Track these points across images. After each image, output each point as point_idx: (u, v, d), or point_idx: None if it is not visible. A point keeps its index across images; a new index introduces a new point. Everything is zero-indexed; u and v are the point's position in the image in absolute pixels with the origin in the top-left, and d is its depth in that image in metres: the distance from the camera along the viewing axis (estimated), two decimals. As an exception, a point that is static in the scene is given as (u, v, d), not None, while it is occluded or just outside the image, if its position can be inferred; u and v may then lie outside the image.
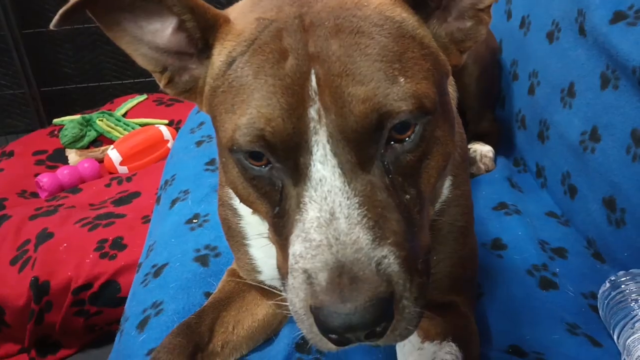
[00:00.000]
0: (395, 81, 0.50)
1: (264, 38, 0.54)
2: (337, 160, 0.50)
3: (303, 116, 0.50)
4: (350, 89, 0.50)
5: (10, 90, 2.95)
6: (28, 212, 1.80)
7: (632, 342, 0.79)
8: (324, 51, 0.51)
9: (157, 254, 1.08)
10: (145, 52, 0.62)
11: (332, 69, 0.50)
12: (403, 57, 0.53)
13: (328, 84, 0.50)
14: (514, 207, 1.16)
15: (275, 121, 0.50)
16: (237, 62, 0.55)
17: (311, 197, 0.50)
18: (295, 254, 0.51)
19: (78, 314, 1.59)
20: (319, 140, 0.50)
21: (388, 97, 0.49)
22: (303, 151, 0.51)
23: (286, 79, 0.51)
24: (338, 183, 0.50)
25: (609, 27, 1.01)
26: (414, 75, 0.52)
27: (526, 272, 0.98)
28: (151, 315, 0.92)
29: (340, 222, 0.49)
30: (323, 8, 0.54)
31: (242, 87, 0.53)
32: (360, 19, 0.53)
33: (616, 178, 1.00)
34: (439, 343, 0.72)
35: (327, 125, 0.50)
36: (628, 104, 0.98)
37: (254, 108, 0.51)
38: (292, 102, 0.50)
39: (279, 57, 0.52)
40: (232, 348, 0.83)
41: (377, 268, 0.48)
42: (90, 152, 2.29)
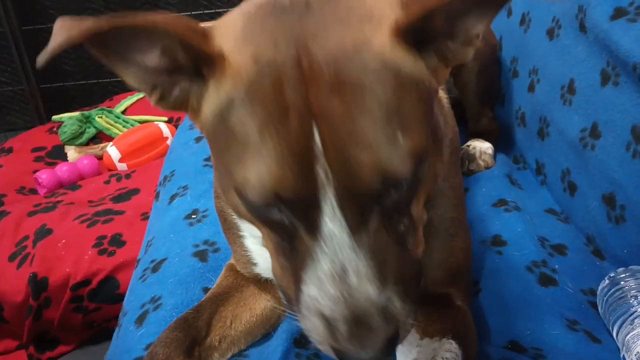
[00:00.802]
0: (395, 141, 0.51)
1: (263, 84, 0.51)
2: (343, 216, 0.52)
3: (311, 174, 0.50)
4: (354, 152, 0.50)
5: (9, 87, 2.94)
6: (27, 209, 1.80)
7: (631, 338, 0.79)
8: (326, 109, 0.50)
9: (156, 249, 1.08)
10: (134, 72, 0.58)
11: (335, 130, 0.50)
12: (402, 109, 0.52)
13: (332, 145, 0.50)
14: (513, 203, 1.16)
15: (287, 182, 0.51)
16: (238, 107, 0.52)
17: (323, 250, 0.53)
18: (310, 295, 0.54)
19: (76, 310, 1.59)
20: (327, 197, 0.51)
21: (390, 163, 0.51)
22: (313, 206, 0.52)
23: (291, 136, 0.50)
24: (346, 238, 0.52)
25: (610, 23, 1.01)
26: (410, 126, 0.52)
27: (526, 268, 0.98)
28: (150, 310, 0.92)
29: (351, 277, 0.52)
30: (321, 50, 0.51)
31: (246, 138, 0.52)
32: (360, 70, 0.51)
33: (616, 175, 1.00)
34: (438, 340, 0.72)
35: (333, 184, 0.51)
36: (628, 100, 0.98)
37: (263, 168, 0.51)
38: (300, 160, 0.50)
39: (282, 112, 0.50)
40: (230, 342, 0.83)
41: (385, 315, 0.53)
42: (90, 149, 2.29)
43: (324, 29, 0.52)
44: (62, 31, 0.52)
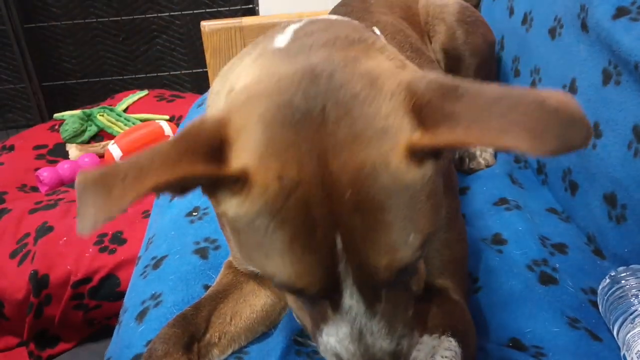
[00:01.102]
0: (408, 241, 0.55)
1: (291, 207, 0.52)
2: (361, 296, 0.57)
3: (334, 273, 0.55)
4: (372, 259, 0.54)
5: (11, 85, 2.95)
6: (28, 206, 1.81)
7: (632, 337, 0.79)
8: (347, 224, 0.53)
9: (157, 246, 1.09)
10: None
11: (355, 240, 0.53)
12: (414, 215, 0.55)
13: (353, 250, 0.54)
14: (514, 202, 1.16)
15: (313, 284, 0.56)
16: (265, 221, 0.53)
17: (342, 318, 0.58)
18: (329, 342, 0.60)
19: (77, 307, 1.59)
20: (347, 286, 0.56)
21: (404, 259, 0.55)
22: (335, 292, 0.57)
23: (318, 247, 0.53)
24: (362, 310, 0.58)
25: (612, 22, 1.01)
26: (422, 225, 0.56)
27: (526, 266, 0.98)
28: (150, 306, 0.92)
29: (367, 338, 0.59)
30: (342, 171, 0.52)
31: (275, 246, 0.54)
32: (379, 191, 0.52)
33: (617, 174, 1.00)
34: (437, 337, 0.72)
35: (353, 276, 0.56)
36: (630, 99, 0.98)
37: (292, 271, 0.55)
38: (325, 265, 0.54)
39: (309, 228, 0.53)
40: (230, 339, 0.83)
41: (395, 356, 0.60)
42: (91, 147, 2.29)
43: (343, 146, 0.52)
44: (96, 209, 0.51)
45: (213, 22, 1.85)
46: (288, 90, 0.54)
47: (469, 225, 1.11)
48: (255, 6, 2.76)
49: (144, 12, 2.87)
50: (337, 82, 0.54)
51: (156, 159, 0.51)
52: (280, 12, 1.90)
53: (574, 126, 0.43)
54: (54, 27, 2.82)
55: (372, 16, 1.24)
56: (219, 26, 1.81)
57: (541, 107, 0.45)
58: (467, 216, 1.15)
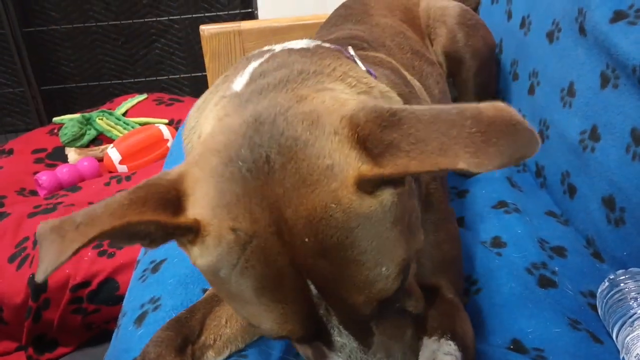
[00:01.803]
0: (384, 275, 0.55)
1: (249, 259, 0.52)
2: (350, 332, 0.58)
3: (315, 316, 0.56)
4: (350, 298, 0.55)
5: (10, 89, 2.95)
6: (27, 210, 1.80)
7: (631, 340, 0.79)
8: (315, 269, 0.53)
9: (156, 250, 1.08)
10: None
11: (328, 283, 0.54)
12: (381, 246, 0.54)
13: (329, 293, 0.55)
14: (513, 205, 1.16)
15: (296, 332, 0.57)
16: (228, 273, 0.54)
17: (339, 355, 0.59)
18: None
19: (76, 311, 1.59)
20: (333, 325, 0.57)
21: (381, 291, 0.55)
22: (323, 333, 0.58)
23: (290, 297, 0.54)
24: (355, 345, 0.59)
25: (609, 26, 1.01)
26: (395, 255, 0.56)
27: (525, 270, 0.97)
28: (149, 310, 0.92)
29: None
30: (295, 217, 0.52)
31: (245, 296, 0.55)
32: (336, 230, 0.52)
33: (616, 177, 1.00)
34: (437, 340, 0.72)
35: (337, 316, 0.57)
36: (628, 103, 0.98)
37: (270, 322, 0.56)
38: (303, 312, 0.55)
39: (274, 279, 0.53)
40: (226, 341, 0.83)
41: None
42: (90, 150, 2.29)
43: (292, 192, 0.52)
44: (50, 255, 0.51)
45: (212, 26, 1.85)
46: (236, 142, 0.55)
47: (468, 229, 1.11)
48: (255, 10, 2.76)
49: (143, 16, 2.88)
50: (279, 128, 0.54)
51: (109, 207, 0.53)
52: (279, 16, 1.91)
53: (515, 134, 0.43)
54: (53, 31, 2.82)
55: (371, 19, 1.25)
56: (218, 30, 1.82)
57: (478, 121, 0.44)
58: (466, 219, 1.15)
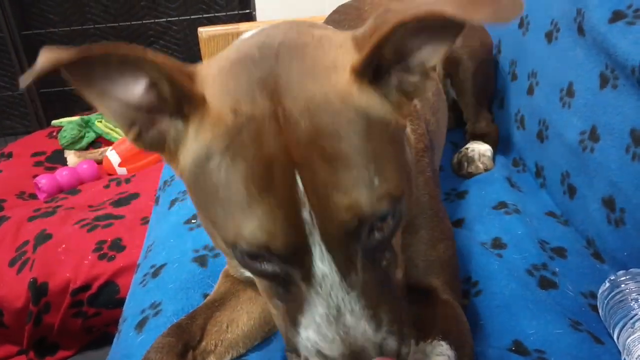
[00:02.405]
0: (372, 185, 0.54)
1: (243, 140, 0.53)
2: (331, 257, 0.55)
3: (299, 221, 0.53)
4: (334, 198, 0.53)
5: (9, 92, 2.95)
6: (27, 214, 1.80)
7: (632, 342, 0.79)
8: (305, 158, 0.52)
9: (156, 254, 1.08)
10: (114, 108, 0.58)
11: (315, 178, 0.53)
12: (376, 153, 0.55)
13: (314, 191, 0.53)
14: (513, 206, 1.16)
15: (278, 236, 0.53)
16: (218, 159, 0.54)
17: (317, 293, 0.56)
18: (309, 338, 0.57)
19: (76, 315, 1.59)
20: (315, 240, 0.54)
21: (367, 204, 0.53)
22: (304, 251, 0.55)
23: (277, 190, 0.52)
24: (337, 279, 0.55)
25: (608, 26, 1.01)
26: (385, 169, 0.55)
27: (526, 271, 0.98)
28: (149, 315, 0.92)
29: (347, 317, 0.56)
30: (294, 105, 0.54)
31: (232, 194, 0.53)
32: (332, 119, 0.54)
33: (615, 177, 1.00)
34: (430, 343, 0.72)
35: (318, 226, 0.53)
36: (627, 103, 0.98)
37: (255, 223, 0.53)
38: (287, 210, 0.53)
39: (264, 167, 0.53)
40: (227, 346, 0.83)
41: (381, 349, 0.56)
42: (89, 153, 2.29)
43: (294, 82, 0.55)
44: (50, 54, 0.51)
45: (210, 28, 1.85)
46: (247, 48, 0.61)
47: (468, 230, 1.11)
48: (253, 11, 2.76)
49: (141, 17, 2.87)
50: (291, 36, 0.61)
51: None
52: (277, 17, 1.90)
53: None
54: (52, 33, 2.82)
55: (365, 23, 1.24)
56: (217, 32, 1.81)
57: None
58: (466, 220, 1.15)
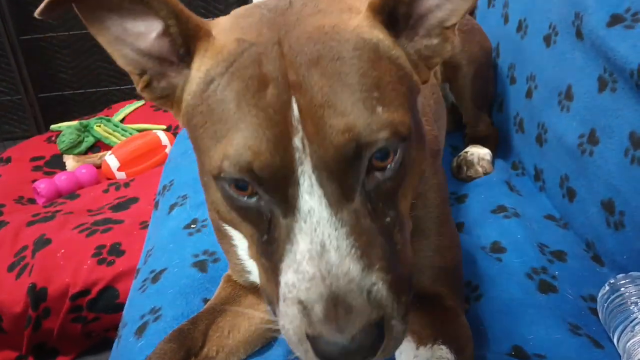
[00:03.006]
0: (374, 111, 0.51)
1: (243, 61, 0.54)
2: (322, 191, 0.52)
3: (288, 146, 0.51)
4: (331, 120, 0.51)
5: (7, 97, 2.94)
6: (25, 219, 1.80)
7: (632, 345, 0.79)
8: (305, 80, 0.52)
9: (156, 259, 1.08)
10: (127, 53, 0.61)
11: (314, 100, 0.51)
12: (381, 83, 0.54)
13: (310, 114, 0.51)
14: (512, 210, 1.16)
15: (263, 154, 0.51)
16: (216, 82, 0.55)
17: (301, 229, 0.52)
18: (287, 283, 0.52)
19: (76, 320, 1.58)
20: (305, 171, 0.51)
21: (366, 128, 0.51)
22: (290, 182, 0.52)
23: (269, 109, 0.51)
24: (325, 214, 0.51)
25: (606, 30, 1.01)
26: (391, 102, 0.53)
27: (525, 275, 0.98)
28: (149, 321, 0.92)
29: (331, 254, 0.50)
30: (301, 33, 0.55)
31: (224, 113, 0.53)
32: (340, 43, 0.54)
33: (614, 181, 1.00)
34: (430, 348, 0.72)
35: (311, 156, 0.51)
36: (626, 106, 0.98)
37: (240, 140, 0.51)
38: (277, 133, 0.51)
39: (259, 85, 0.52)
40: (229, 352, 0.83)
41: (368, 296, 0.50)
42: (88, 157, 2.29)
43: (305, 18, 0.57)
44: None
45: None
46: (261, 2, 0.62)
47: (467, 234, 1.11)
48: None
49: (140, 22, 2.87)
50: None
51: None
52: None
53: None
54: (50, 38, 2.82)
55: None
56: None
57: None
58: (465, 224, 1.15)
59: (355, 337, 0.49)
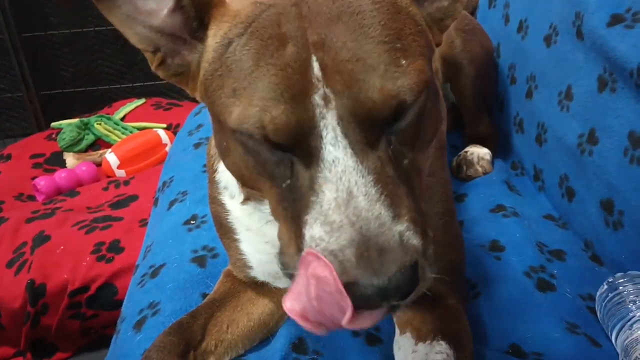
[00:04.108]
0: (399, 64, 0.52)
1: (261, 22, 0.55)
2: (347, 141, 0.52)
3: (308, 105, 0.51)
4: (363, 75, 0.51)
5: (8, 94, 2.95)
6: (25, 215, 1.80)
7: (630, 344, 0.79)
8: (327, 38, 0.52)
9: (155, 254, 1.08)
10: (139, 31, 0.61)
11: (339, 55, 0.52)
12: (402, 35, 0.55)
13: (338, 70, 0.51)
14: (512, 209, 1.16)
15: (280, 117, 0.51)
16: (235, 44, 0.56)
17: (326, 178, 0.51)
18: (314, 237, 0.51)
19: (74, 317, 1.58)
20: (328, 124, 0.51)
21: (398, 82, 0.52)
22: (313, 136, 0.52)
23: (287, 68, 0.52)
24: (351, 162, 0.51)
25: (607, 30, 1.01)
26: (413, 54, 0.54)
27: (524, 273, 0.98)
28: (148, 315, 0.92)
29: (359, 200, 0.50)
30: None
31: (242, 72, 0.54)
32: (363, 3, 0.55)
33: (614, 180, 1.00)
34: (429, 343, 0.72)
35: (336, 109, 0.51)
36: (625, 106, 0.98)
37: (258, 100, 0.52)
38: (296, 92, 0.51)
39: (278, 44, 0.53)
40: (227, 347, 0.83)
41: (401, 239, 0.49)
42: (88, 155, 2.29)
43: None
44: None
45: None
46: None
47: (466, 232, 1.11)
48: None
49: (142, 20, 2.87)
50: None
51: None
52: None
53: None
54: (52, 36, 2.82)
55: None
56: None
57: None
58: (464, 223, 1.15)
59: (392, 278, 0.48)
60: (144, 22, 0.61)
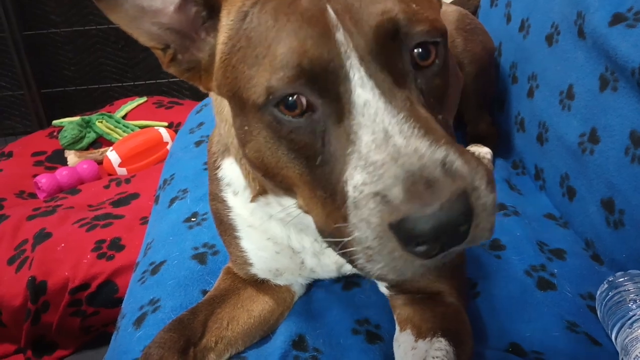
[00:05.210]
0: (409, 5, 0.55)
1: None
2: (373, 82, 0.53)
3: (332, 41, 0.53)
4: (368, 8, 0.54)
5: (9, 92, 2.95)
6: (26, 212, 1.80)
7: (630, 342, 0.79)
8: None
9: (155, 251, 1.08)
10: (148, 29, 0.62)
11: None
12: None
13: (348, 10, 0.54)
14: (512, 208, 1.16)
15: (310, 51, 0.53)
16: (250, 14, 0.57)
17: (360, 124, 0.52)
18: (357, 185, 0.51)
19: (75, 314, 1.58)
20: (353, 65, 0.53)
21: (403, 13, 0.54)
22: (341, 79, 0.53)
23: (306, 13, 0.54)
24: (381, 104, 0.52)
25: (608, 29, 1.01)
26: (423, 3, 0.57)
27: (524, 272, 0.98)
28: (148, 312, 0.92)
29: (396, 138, 0.50)
30: None
31: (263, 34, 0.55)
32: None
33: (615, 179, 1.00)
34: (429, 340, 0.73)
35: (355, 48, 0.53)
36: (627, 105, 0.98)
37: (285, 45, 0.53)
38: (319, 30, 0.53)
39: (292, 2, 0.55)
40: (227, 344, 0.83)
41: (444, 168, 0.49)
42: (90, 153, 2.29)
43: None
44: None
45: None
46: None
47: (467, 231, 1.11)
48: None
49: (143, 19, 2.87)
50: None
51: None
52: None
53: None
54: (53, 34, 2.82)
55: None
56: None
57: None
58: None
59: (445, 206, 0.47)
60: (151, 20, 0.61)
